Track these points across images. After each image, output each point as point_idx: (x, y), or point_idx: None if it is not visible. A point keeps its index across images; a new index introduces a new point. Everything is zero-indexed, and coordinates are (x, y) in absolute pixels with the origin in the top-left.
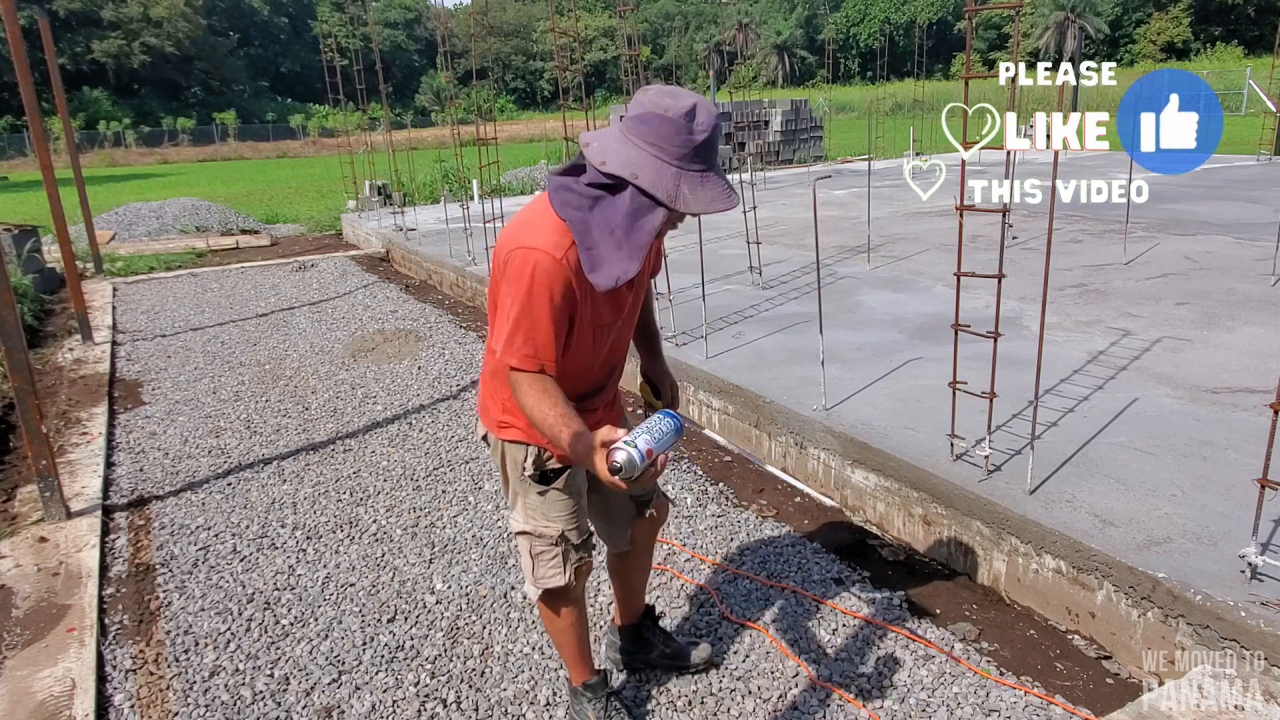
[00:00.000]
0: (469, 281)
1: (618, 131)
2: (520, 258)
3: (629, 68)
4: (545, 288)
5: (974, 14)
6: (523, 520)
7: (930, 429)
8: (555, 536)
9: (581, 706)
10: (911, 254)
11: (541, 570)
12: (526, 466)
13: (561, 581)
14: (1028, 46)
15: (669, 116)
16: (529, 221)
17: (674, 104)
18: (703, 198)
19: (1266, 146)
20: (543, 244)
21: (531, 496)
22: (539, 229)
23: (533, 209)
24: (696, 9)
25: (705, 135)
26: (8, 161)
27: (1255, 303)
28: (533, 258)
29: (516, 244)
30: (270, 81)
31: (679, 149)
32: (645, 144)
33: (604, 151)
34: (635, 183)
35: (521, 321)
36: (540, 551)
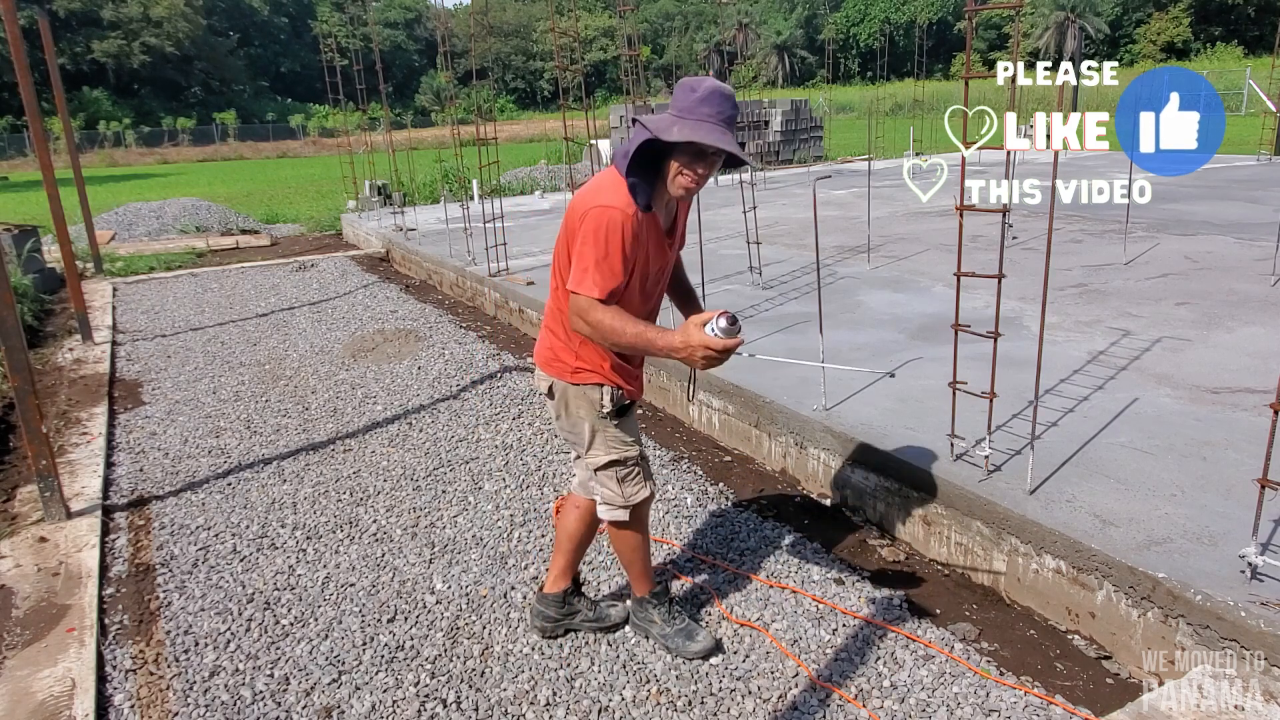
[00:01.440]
0: (469, 281)
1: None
2: (598, 213)
3: (629, 68)
4: (619, 234)
5: (974, 14)
6: (605, 453)
7: (930, 429)
8: (635, 456)
9: (647, 613)
10: (911, 254)
11: (630, 489)
12: (605, 405)
13: (646, 493)
14: (1028, 46)
15: (684, 86)
16: (603, 187)
17: (694, 82)
18: (688, 134)
19: (1266, 146)
20: (616, 202)
21: (610, 430)
22: (612, 191)
23: (605, 177)
24: (696, 9)
25: (702, 95)
26: (8, 161)
27: (1255, 303)
28: (609, 213)
29: (594, 203)
30: (270, 81)
31: (681, 104)
32: (670, 110)
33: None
34: (640, 120)
35: (602, 263)
36: (625, 474)
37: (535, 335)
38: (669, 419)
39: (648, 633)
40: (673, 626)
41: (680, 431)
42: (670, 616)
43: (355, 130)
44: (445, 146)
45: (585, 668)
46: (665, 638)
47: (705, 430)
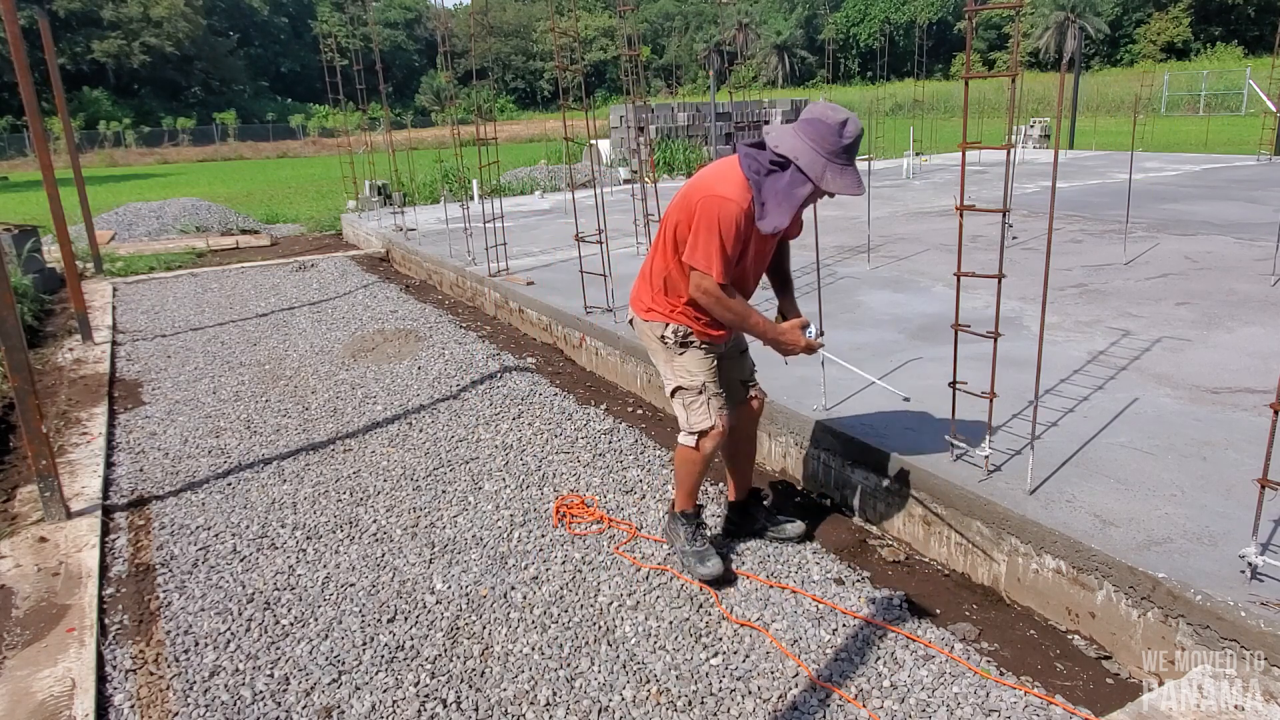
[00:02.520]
0: (469, 281)
1: (791, 128)
2: (719, 204)
3: (629, 68)
4: (733, 224)
5: (974, 14)
6: (673, 378)
7: (930, 429)
8: (699, 386)
9: (676, 527)
10: (911, 254)
11: (694, 417)
12: (668, 336)
13: (709, 423)
14: (1028, 46)
15: (828, 123)
16: (723, 176)
17: (833, 115)
18: (840, 183)
19: (1266, 146)
20: (734, 195)
21: (676, 359)
22: (730, 182)
23: (724, 166)
24: (696, 9)
25: (849, 140)
26: (8, 161)
27: (1255, 303)
28: (728, 206)
29: (713, 192)
30: (270, 81)
31: (830, 146)
32: (808, 139)
33: (779, 139)
34: (796, 163)
35: (721, 250)
36: (690, 401)
37: (535, 335)
38: (669, 419)
39: (671, 544)
40: (692, 546)
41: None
42: (693, 537)
43: (355, 130)
44: (445, 146)
45: (585, 668)
46: (683, 554)
47: None
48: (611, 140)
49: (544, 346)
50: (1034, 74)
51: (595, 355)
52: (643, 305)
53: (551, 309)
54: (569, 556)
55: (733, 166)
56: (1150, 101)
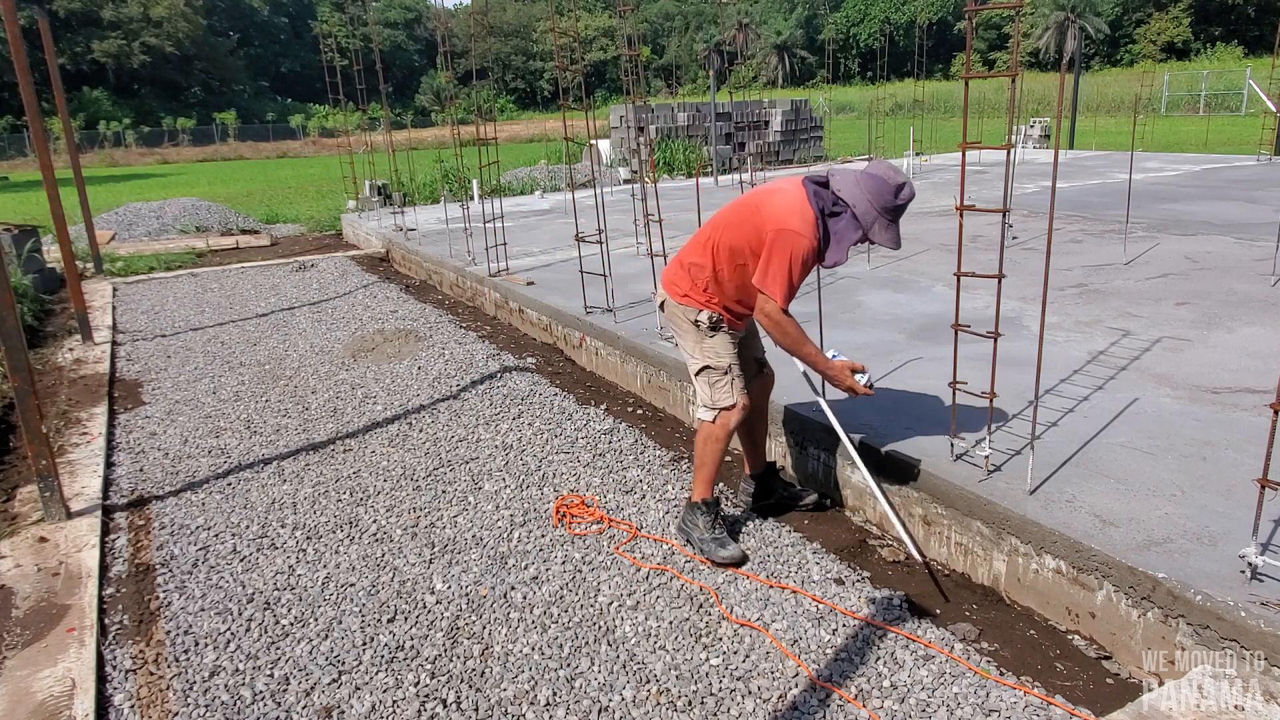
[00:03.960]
0: (469, 281)
1: (854, 176)
2: (793, 239)
3: (629, 68)
4: (802, 261)
5: (974, 14)
6: (701, 358)
7: (930, 429)
8: (725, 367)
9: (695, 517)
10: (911, 254)
11: (717, 395)
12: (702, 321)
13: (731, 401)
14: (1028, 46)
15: (888, 183)
16: (795, 210)
17: (894, 178)
18: (884, 236)
19: (1266, 146)
20: (807, 232)
21: (706, 341)
22: (803, 219)
23: (793, 199)
24: (696, 9)
25: (902, 203)
26: (8, 161)
27: (1255, 303)
28: (802, 242)
29: (788, 227)
30: (270, 81)
31: (883, 203)
32: (867, 191)
33: (842, 184)
34: (853, 210)
35: (790, 281)
36: (715, 380)
37: (535, 335)
38: (669, 419)
39: (689, 535)
40: (711, 534)
41: (680, 432)
42: (712, 525)
43: (355, 130)
44: (445, 146)
45: (585, 668)
46: (702, 542)
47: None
48: (611, 140)
49: (544, 346)
50: (1034, 74)
51: (595, 355)
52: (679, 291)
53: (551, 309)
54: (569, 556)
55: (802, 201)
56: (1150, 101)
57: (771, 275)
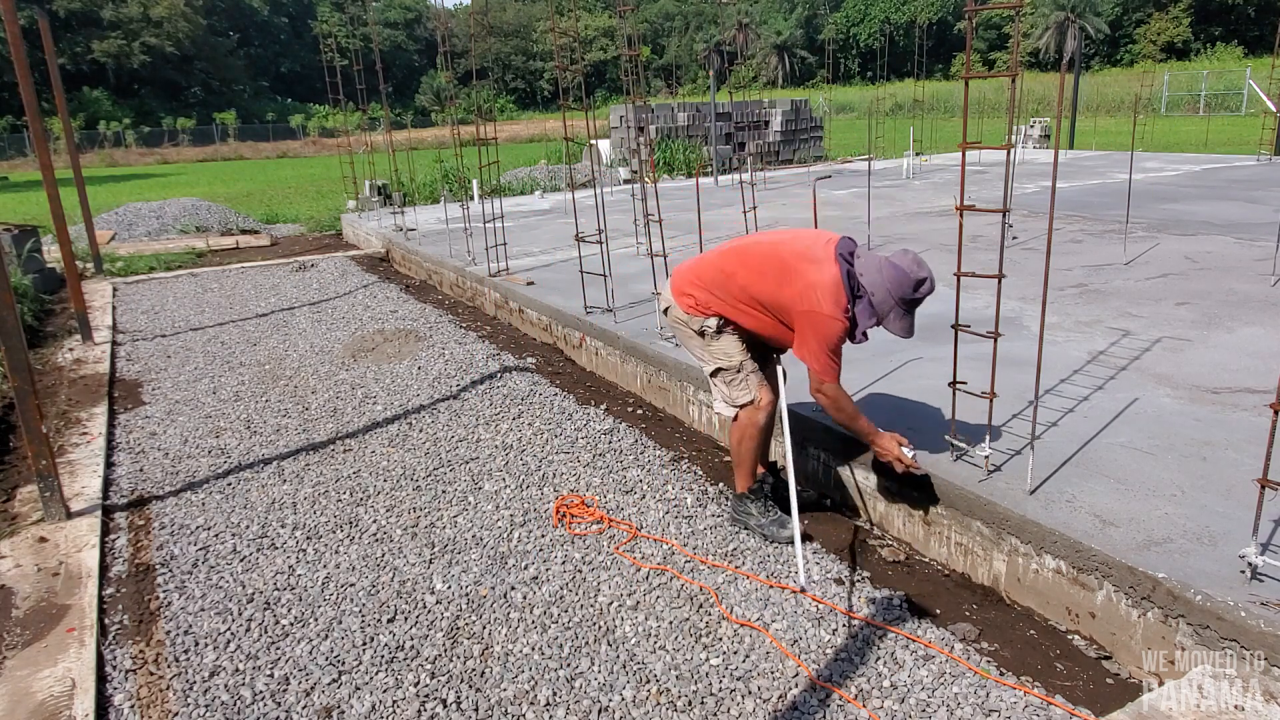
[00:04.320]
0: (469, 281)
1: (877, 262)
2: (828, 323)
3: (629, 68)
4: (840, 339)
5: (974, 14)
6: (712, 361)
7: (930, 429)
8: (737, 365)
9: (746, 507)
10: None
11: (734, 393)
12: (708, 326)
13: (749, 397)
14: (1028, 46)
15: (909, 276)
16: (829, 291)
17: (916, 272)
18: (897, 325)
19: (1266, 146)
20: (840, 316)
21: (714, 344)
22: (834, 302)
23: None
24: (696, 9)
25: (919, 297)
26: (8, 161)
27: (1255, 303)
28: (837, 326)
29: (819, 310)
30: (270, 81)
31: (901, 294)
32: (887, 280)
33: (865, 268)
34: (870, 298)
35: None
36: (730, 379)
37: (535, 335)
38: (669, 419)
39: (746, 524)
40: (768, 517)
41: (680, 431)
42: (766, 509)
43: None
44: (445, 146)
45: (585, 668)
46: (761, 527)
47: (705, 430)
48: (611, 140)
49: (544, 346)
50: (1034, 74)
51: (595, 355)
52: (688, 301)
53: (551, 309)
54: (569, 556)
55: (837, 285)
56: (1150, 101)
57: (813, 355)
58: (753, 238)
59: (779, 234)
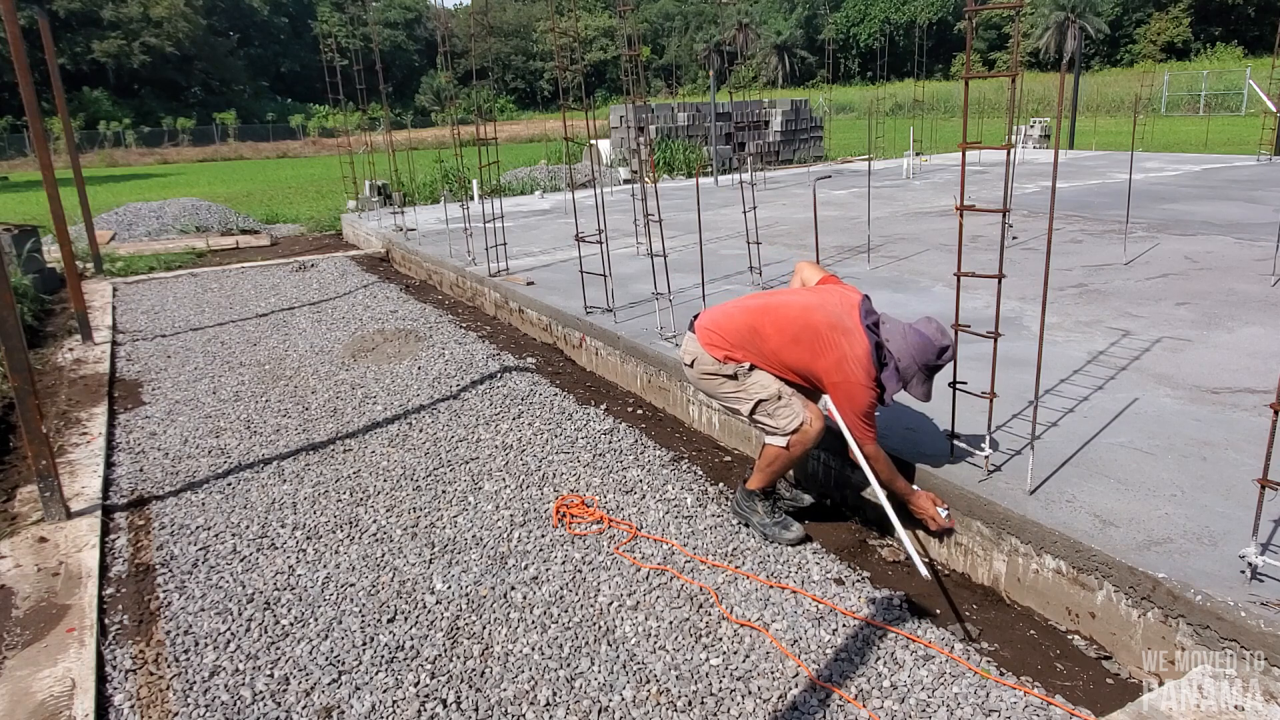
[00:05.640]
0: (469, 282)
1: (901, 328)
2: (862, 392)
3: (629, 68)
4: (868, 406)
5: (974, 14)
6: (750, 398)
7: (930, 429)
8: (775, 392)
9: (753, 503)
10: (911, 254)
11: (780, 421)
12: (741, 368)
13: (798, 421)
14: (1028, 47)
15: (934, 344)
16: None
17: (940, 340)
18: (919, 390)
19: (1266, 146)
20: (871, 384)
21: (746, 381)
22: (868, 373)
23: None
24: (696, 9)
25: (942, 364)
26: (8, 161)
27: (1255, 303)
28: (870, 394)
29: (852, 379)
30: (270, 81)
31: (924, 360)
32: (912, 348)
33: (890, 334)
34: (896, 364)
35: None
36: (774, 408)
37: (535, 336)
38: (669, 419)
39: (748, 520)
40: (772, 519)
41: (680, 431)
42: (772, 510)
43: (355, 130)
44: (445, 146)
45: (585, 668)
46: (764, 526)
47: (705, 430)
48: (611, 140)
49: (544, 346)
50: (1034, 74)
51: (595, 355)
52: (721, 351)
53: (551, 309)
54: (569, 556)
55: (867, 356)
56: (1150, 101)
57: (851, 424)
58: (780, 297)
59: (806, 296)
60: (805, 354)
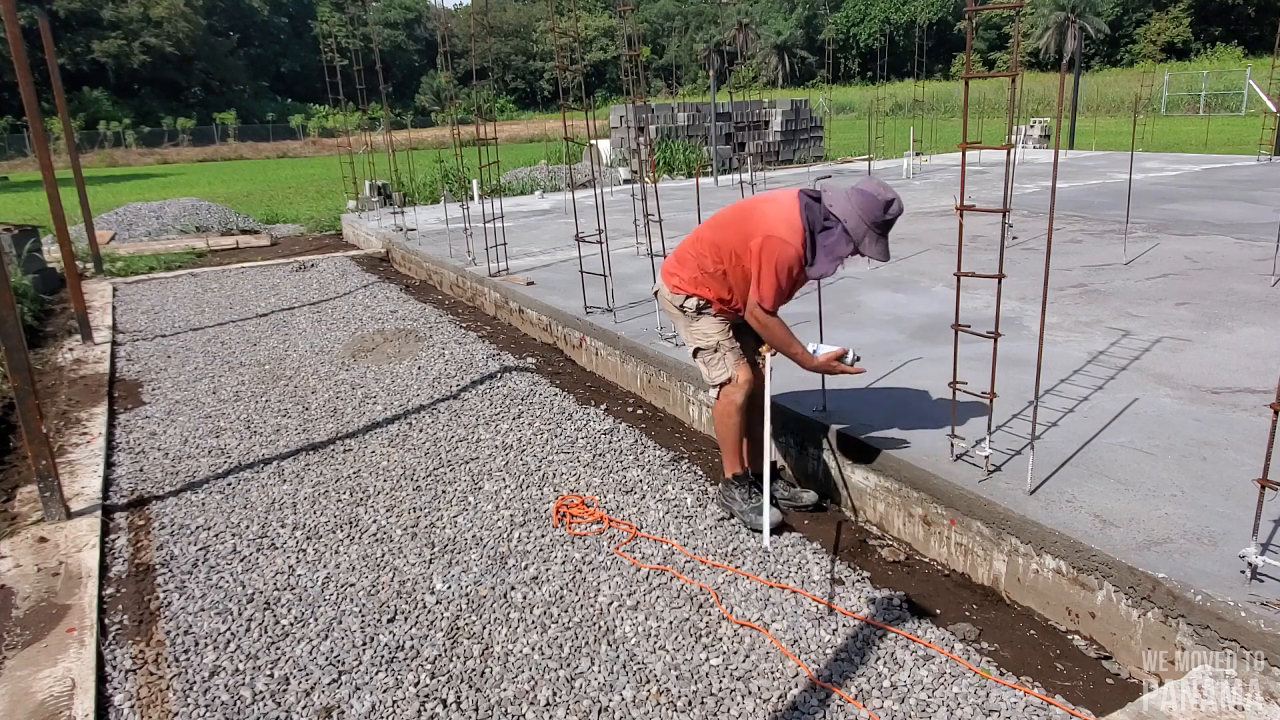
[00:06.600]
0: (469, 282)
1: (845, 192)
2: (779, 246)
3: (629, 68)
4: (789, 266)
5: (974, 14)
6: (691, 341)
7: (930, 429)
8: (714, 344)
9: (731, 492)
10: (911, 254)
11: (713, 372)
12: (687, 305)
13: (727, 375)
14: (1028, 47)
15: (877, 199)
16: (785, 220)
17: (883, 194)
18: (874, 249)
19: (1266, 146)
20: (794, 241)
21: (693, 324)
22: (791, 228)
23: (785, 209)
24: (696, 9)
25: (890, 218)
26: (8, 161)
27: (1255, 303)
28: (789, 250)
29: (775, 234)
30: (270, 81)
31: (873, 218)
32: (857, 208)
33: (834, 200)
34: (844, 225)
35: (779, 287)
36: (709, 359)
37: (535, 336)
38: (669, 419)
39: (730, 509)
40: (749, 504)
41: (680, 431)
42: (749, 496)
43: (355, 130)
44: (445, 146)
45: (585, 668)
46: (743, 513)
47: (705, 430)
48: (611, 140)
49: (544, 346)
50: (1034, 74)
51: (595, 355)
52: (673, 279)
53: (551, 309)
54: (569, 556)
55: (793, 212)
56: (1150, 101)
57: (761, 279)
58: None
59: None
60: (736, 230)
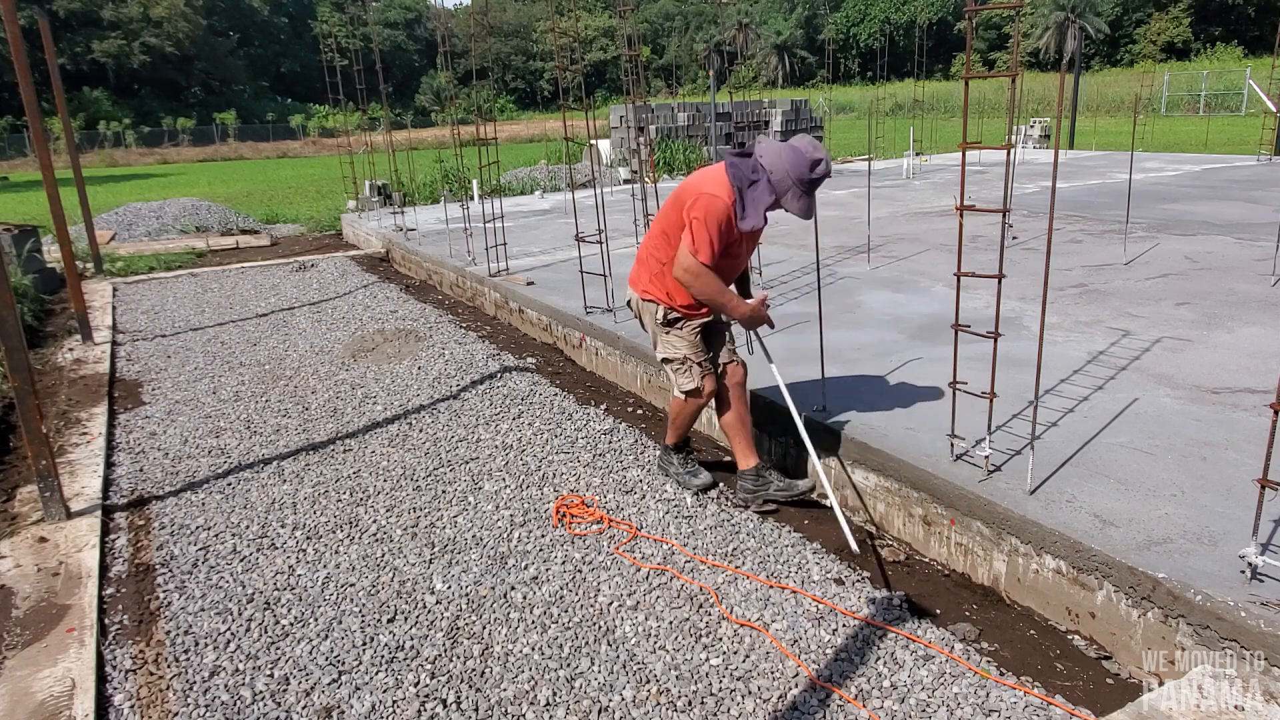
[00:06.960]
0: (469, 281)
1: (777, 146)
2: (708, 200)
3: (629, 68)
4: (718, 218)
5: (974, 14)
6: (660, 350)
7: (930, 429)
8: (682, 357)
9: (670, 458)
10: (911, 254)
11: (681, 380)
12: (659, 315)
13: (693, 385)
14: (1028, 47)
15: (806, 156)
16: (712, 179)
17: (812, 153)
18: (795, 205)
19: (1266, 146)
20: (722, 194)
21: (663, 336)
22: (718, 184)
23: (713, 172)
24: (696, 9)
25: (815, 178)
26: (8, 161)
27: (1255, 303)
28: (718, 201)
29: (704, 191)
30: (270, 81)
31: (798, 175)
32: (785, 161)
33: (764, 150)
34: (769, 176)
35: (711, 239)
36: (677, 369)
37: (535, 336)
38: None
39: (667, 471)
40: (685, 468)
41: None
42: (685, 460)
43: (355, 130)
44: (445, 146)
45: (585, 668)
46: (678, 475)
47: (705, 430)
48: (611, 140)
49: (544, 346)
50: (1034, 74)
51: (595, 355)
52: (640, 286)
53: (551, 309)
54: (569, 556)
55: (720, 173)
56: (1150, 101)
57: (694, 231)
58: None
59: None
60: (673, 214)
